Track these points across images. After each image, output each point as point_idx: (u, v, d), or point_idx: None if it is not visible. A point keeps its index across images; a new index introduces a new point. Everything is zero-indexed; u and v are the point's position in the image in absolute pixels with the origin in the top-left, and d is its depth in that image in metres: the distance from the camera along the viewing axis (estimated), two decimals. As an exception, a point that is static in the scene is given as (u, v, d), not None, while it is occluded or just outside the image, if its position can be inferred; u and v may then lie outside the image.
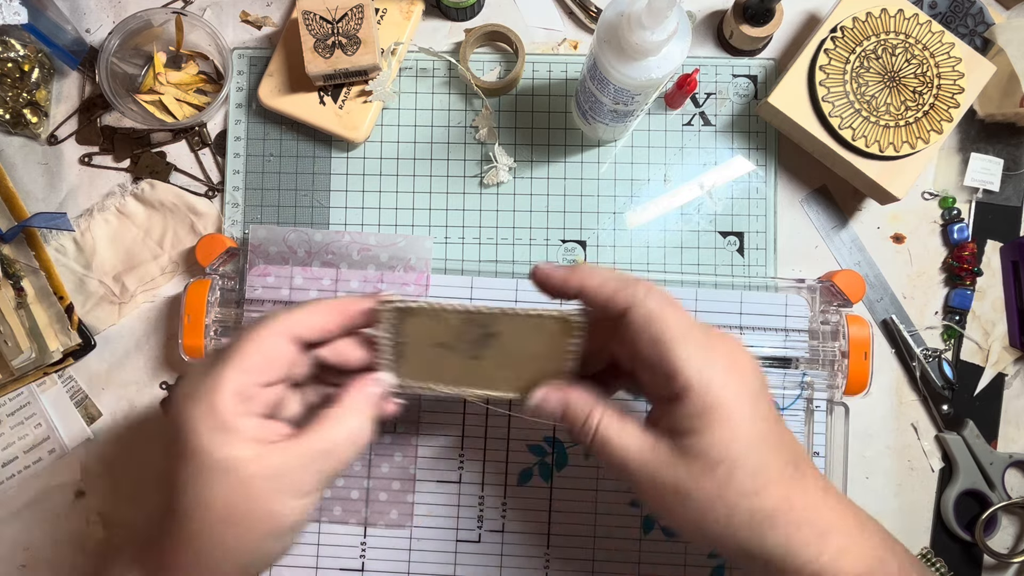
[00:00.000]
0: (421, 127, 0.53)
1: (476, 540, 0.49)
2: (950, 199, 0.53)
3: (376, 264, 0.50)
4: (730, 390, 0.32)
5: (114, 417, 0.52)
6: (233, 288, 0.50)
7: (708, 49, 0.54)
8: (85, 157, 0.53)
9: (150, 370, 0.52)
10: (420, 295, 0.49)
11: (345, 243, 0.50)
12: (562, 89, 0.54)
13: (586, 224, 0.53)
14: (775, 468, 0.32)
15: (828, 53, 0.49)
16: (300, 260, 0.49)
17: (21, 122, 0.52)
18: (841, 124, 0.49)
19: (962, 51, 0.49)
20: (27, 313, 0.50)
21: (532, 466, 0.49)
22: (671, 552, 0.49)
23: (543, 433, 0.49)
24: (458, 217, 0.53)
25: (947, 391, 0.52)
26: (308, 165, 0.53)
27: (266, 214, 0.53)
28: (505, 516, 0.49)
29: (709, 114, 0.53)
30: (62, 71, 0.54)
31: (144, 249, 0.52)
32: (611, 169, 0.53)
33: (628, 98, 0.43)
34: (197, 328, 0.48)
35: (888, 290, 0.53)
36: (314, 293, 0.49)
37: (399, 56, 0.52)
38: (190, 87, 0.53)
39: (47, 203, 0.53)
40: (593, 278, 0.35)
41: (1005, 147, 0.54)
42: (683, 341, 0.32)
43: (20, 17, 0.46)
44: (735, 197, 0.53)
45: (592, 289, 0.35)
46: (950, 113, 0.48)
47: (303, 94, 0.51)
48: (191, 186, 0.53)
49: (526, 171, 0.53)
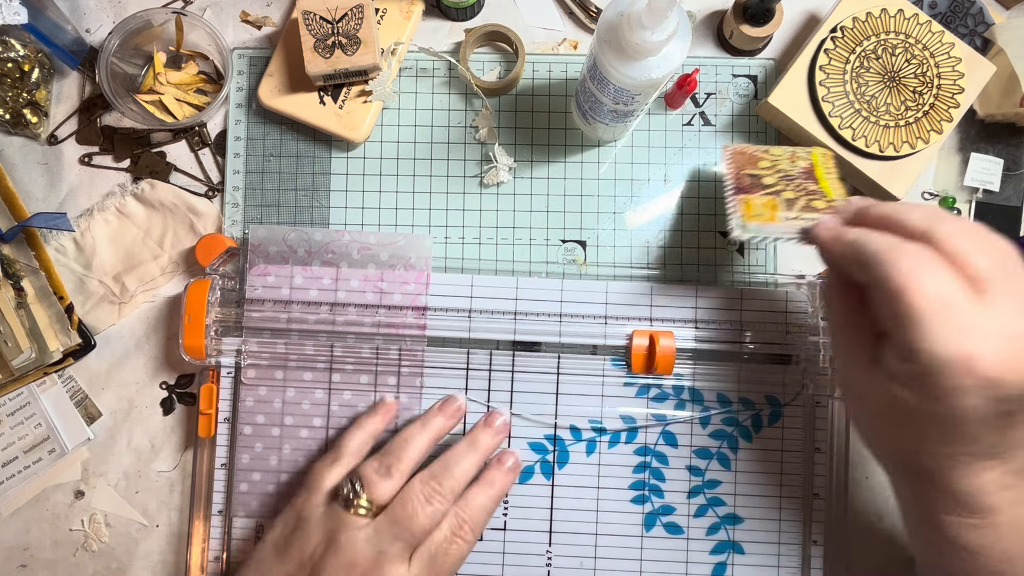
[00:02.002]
0: (421, 127, 0.54)
1: (478, 538, 0.49)
2: (950, 199, 0.53)
3: (376, 263, 0.50)
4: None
5: (114, 417, 0.52)
6: (233, 288, 0.50)
7: (708, 49, 0.54)
8: (85, 157, 0.53)
9: (150, 370, 0.52)
10: (422, 293, 0.49)
11: (345, 242, 0.50)
12: (562, 89, 0.54)
13: (586, 224, 0.53)
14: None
15: (828, 53, 0.49)
16: (300, 259, 0.49)
17: (21, 122, 0.52)
18: (841, 124, 0.49)
19: (962, 51, 0.49)
20: (27, 313, 0.50)
21: (534, 464, 0.49)
22: (673, 549, 0.49)
23: (544, 431, 0.50)
24: (458, 217, 0.53)
25: (947, 390, 0.52)
26: (308, 165, 0.53)
27: (266, 214, 0.53)
28: (507, 514, 0.49)
29: (709, 114, 0.53)
30: (62, 71, 0.54)
31: (144, 249, 0.52)
32: (611, 169, 0.53)
33: (628, 98, 0.43)
34: (197, 328, 0.48)
35: (888, 290, 0.53)
36: (314, 292, 0.49)
37: (399, 56, 0.52)
38: (190, 87, 0.53)
39: (47, 203, 0.53)
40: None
41: (1005, 147, 0.54)
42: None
43: (20, 17, 0.46)
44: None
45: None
46: (950, 113, 0.48)
47: (303, 94, 0.51)
48: (191, 186, 0.53)
49: (526, 171, 0.53)
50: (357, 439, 0.46)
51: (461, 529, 0.43)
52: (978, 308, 0.31)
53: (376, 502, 0.42)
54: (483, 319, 0.49)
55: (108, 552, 0.51)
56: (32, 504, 0.51)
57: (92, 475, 0.52)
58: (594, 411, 0.49)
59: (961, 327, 0.31)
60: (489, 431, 0.47)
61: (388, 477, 0.43)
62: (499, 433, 0.47)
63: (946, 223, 0.34)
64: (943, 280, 0.32)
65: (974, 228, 0.34)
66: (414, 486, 0.43)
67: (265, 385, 0.49)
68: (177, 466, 0.52)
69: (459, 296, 0.49)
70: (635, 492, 0.49)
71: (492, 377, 0.50)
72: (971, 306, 0.31)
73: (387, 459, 0.44)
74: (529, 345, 0.49)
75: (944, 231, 0.33)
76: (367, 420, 0.47)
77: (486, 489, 0.45)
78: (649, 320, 0.49)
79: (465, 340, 0.49)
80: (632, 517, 0.49)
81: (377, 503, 0.42)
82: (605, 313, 0.49)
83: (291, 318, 0.49)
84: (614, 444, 0.49)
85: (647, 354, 0.48)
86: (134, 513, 0.51)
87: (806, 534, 0.49)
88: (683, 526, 0.49)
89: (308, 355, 0.49)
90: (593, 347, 0.49)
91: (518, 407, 0.50)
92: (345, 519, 0.42)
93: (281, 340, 0.49)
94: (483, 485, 0.45)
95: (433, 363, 0.49)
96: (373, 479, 0.43)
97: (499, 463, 0.46)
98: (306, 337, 0.49)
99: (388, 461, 0.44)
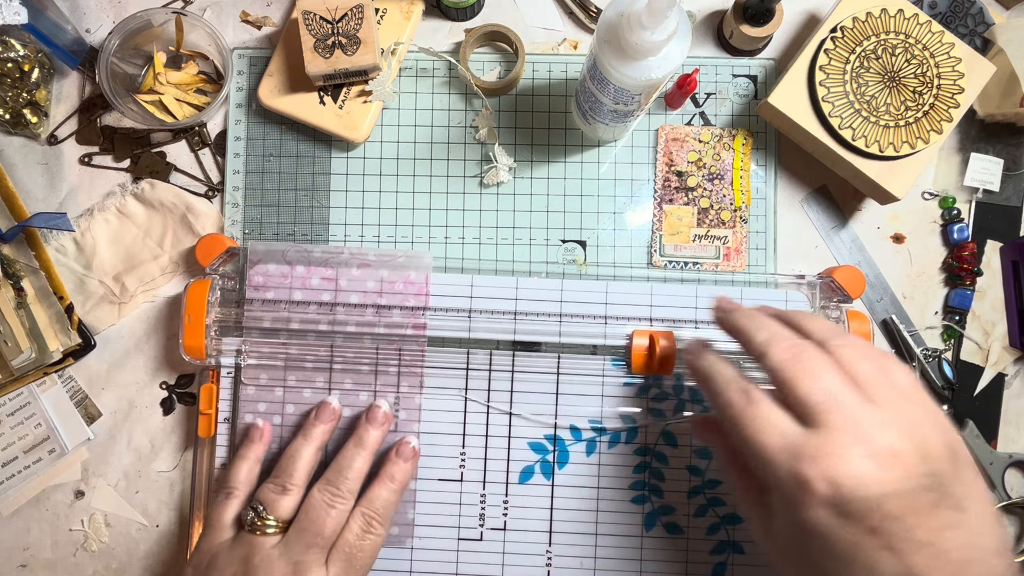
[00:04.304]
0: (421, 127, 0.54)
1: (478, 538, 0.49)
2: (950, 199, 0.53)
3: (375, 279, 0.49)
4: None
5: (114, 417, 0.52)
6: (233, 288, 0.50)
7: (708, 49, 0.54)
8: (85, 157, 0.53)
9: (150, 370, 0.52)
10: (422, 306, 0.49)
11: (344, 259, 0.49)
12: (562, 89, 0.54)
13: (586, 224, 0.53)
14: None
15: (828, 53, 0.49)
16: (299, 276, 0.49)
17: (21, 122, 0.52)
18: (841, 124, 0.49)
19: (962, 51, 0.49)
20: (27, 313, 0.50)
21: (534, 464, 0.49)
22: (673, 549, 0.49)
23: (544, 431, 0.50)
24: (458, 217, 0.53)
25: (947, 391, 0.52)
26: (308, 165, 0.53)
27: (266, 214, 0.53)
28: (507, 514, 0.49)
29: (709, 114, 0.53)
30: (62, 71, 0.54)
31: (144, 249, 0.52)
32: (611, 169, 0.53)
33: (628, 98, 0.43)
34: (197, 328, 0.48)
35: (888, 290, 0.53)
36: (312, 309, 0.49)
37: (399, 56, 0.52)
38: (190, 87, 0.53)
39: (47, 203, 0.53)
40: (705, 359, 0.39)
41: (1005, 147, 0.54)
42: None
43: (20, 17, 0.46)
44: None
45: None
46: (950, 113, 0.48)
47: (303, 94, 0.51)
48: (191, 186, 0.53)
49: (526, 171, 0.53)
50: (244, 469, 0.47)
51: (370, 526, 0.44)
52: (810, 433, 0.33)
53: (281, 519, 0.43)
54: (483, 319, 0.49)
55: (108, 552, 0.51)
56: (32, 504, 0.51)
57: (92, 475, 0.52)
58: (594, 411, 0.49)
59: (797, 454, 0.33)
60: (373, 426, 0.47)
61: (286, 493, 0.44)
62: (382, 425, 0.47)
63: (780, 346, 0.35)
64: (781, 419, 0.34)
65: (795, 352, 0.35)
66: (314, 495, 0.44)
67: (265, 385, 0.49)
68: (177, 466, 0.52)
69: (459, 296, 0.49)
70: (635, 492, 0.49)
71: (492, 377, 0.50)
72: (803, 431, 0.33)
73: (280, 479, 0.45)
74: (529, 345, 0.49)
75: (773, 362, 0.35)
76: (246, 450, 0.48)
77: (387, 483, 0.46)
78: (649, 320, 0.49)
79: (465, 340, 0.49)
80: (632, 517, 0.49)
81: (282, 520, 0.43)
82: (605, 313, 0.49)
83: (291, 318, 0.49)
84: (614, 444, 0.49)
85: (647, 354, 0.48)
86: (134, 513, 0.51)
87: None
88: (683, 526, 0.49)
89: (308, 355, 0.49)
90: (593, 347, 0.49)
91: (518, 407, 0.50)
92: (255, 543, 0.43)
93: (281, 340, 0.49)
94: (384, 480, 0.46)
95: (433, 363, 0.49)
96: (272, 498, 0.44)
97: (397, 456, 0.47)
98: (306, 337, 0.49)
99: (281, 480, 0.45)
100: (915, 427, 0.33)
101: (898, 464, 0.31)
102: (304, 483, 0.45)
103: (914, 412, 0.33)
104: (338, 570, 0.42)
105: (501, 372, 0.49)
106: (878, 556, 0.31)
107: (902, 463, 0.31)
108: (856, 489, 0.31)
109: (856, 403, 0.33)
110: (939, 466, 0.32)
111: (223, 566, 0.42)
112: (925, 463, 0.32)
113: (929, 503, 0.31)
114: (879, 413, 0.32)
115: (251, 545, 0.42)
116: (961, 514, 0.31)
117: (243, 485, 0.46)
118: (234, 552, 0.43)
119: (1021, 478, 0.52)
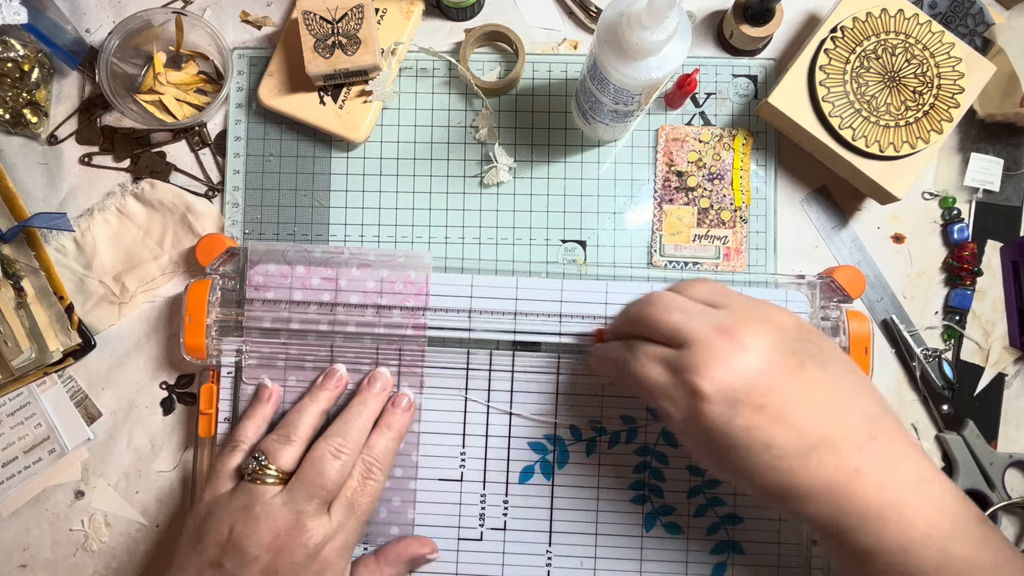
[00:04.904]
0: (421, 127, 0.54)
1: (478, 538, 0.49)
2: (950, 199, 0.53)
3: (375, 279, 0.49)
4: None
5: (114, 417, 0.52)
6: (233, 288, 0.50)
7: (708, 49, 0.54)
8: (85, 157, 0.53)
9: (150, 370, 0.52)
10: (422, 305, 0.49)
11: (344, 259, 0.49)
12: (562, 89, 0.54)
13: (586, 224, 0.53)
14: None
15: (828, 53, 0.49)
16: (299, 276, 0.49)
17: (21, 122, 0.52)
18: (841, 124, 0.49)
19: (962, 51, 0.49)
20: (27, 313, 0.50)
21: (534, 464, 0.49)
22: (673, 549, 0.49)
23: (544, 431, 0.50)
24: (458, 217, 0.53)
25: (947, 391, 0.52)
26: (308, 165, 0.53)
27: (266, 214, 0.53)
28: (507, 514, 0.49)
29: (709, 114, 0.53)
30: (62, 71, 0.54)
31: (144, 249, 0.52)
32: (611, 169, 0.53)
33: (628, 98, 0.43)
34: (198, 328, 0.48)
35: (888, 290, 0.53)
36: (312, 309, 0.49)
37: (399, 56, 0.52)
38: (190, 87, 0.53)
39: (47, 203, 0.53)
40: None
41: (1005, 147, 0.54)
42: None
43: (20, 17, 0.46)
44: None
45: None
46: (950, 113, 0.48)
47: (303, 94, 0.51)
48: (191, 186, 0.53)
49: (526, 171, 0.53)
50: (251, 427, 0.47)
51: (370, 472, 0.45)
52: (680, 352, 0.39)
53: (282, 469, 0.43)
54: (483, 319, 0.49)
55: (108, 552, 0.51)
56: (32, 504, 0.51)
57: (92, 475, 0.52)
58: (594, 411, 0.49)
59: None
60: (374, 389, 0.48)
61: (289, 443, 0.44)
62: (384, 390, 0.48)
63: (636, 303, 0.43)
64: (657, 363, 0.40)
65: (649, 298, 0.42)
66: (319, 446, 0.44)
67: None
68: (177, 466, 0.52)
69: (459, 296, 0.49)
70: (635, 492, 0.49)
71: (492, 377, 0.50)
72: (678, 352, 0.38)
73: (283, 431, 0.45)
74: (529, 345, 0.49)
75: (634, 314, 0.43)
76: (253, 409, 0.48)
77: (386, 432, 0.47)
78: (649, 320, 0.49)
79: (465, 340, 0.49)
80: (632, 517, 0.49)
81: (283, 470, 0.43)
82: (605, 313, 0.49)
83: (291, 318, 0.49)
84: (614, 444, 0.49)
85: (647, 354, 0.47)
86: (134, 513, 0.51)
87: (806, 534, 0.49)
88: (683, 526, 0.49)
89: (308, 355, 0.49)
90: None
91: (518, 407, 0.50)
92: (256, 491, 0.43)
93: (281, 340, 0.49)
94: (382, 428, 0.47)
95: (433, 363, 0.49)
96: (275, 448, 0.44)
97: (394, 406, 0.48)
98: (306, 337, 0.49)
99: (285, 431, 0.45)
100: (765, 316, 0.39)
101: (761, 345, 0.37)
102: (307, 438, 0.45)
103: (760, 306, 0.40)
104: (340, 516, 0.43)
105: (501, 372, 0.49)
106: (771, 430, 0.36)
107: (764, 343, 0.37)
108: (734, 376, 0.36)
109: (709, 313, 0.39)
110: (794, 336, 0.38)
111: (222, 516, 0.42)
112: (782, 338, 0.38)
113: (796, 365, 0.37)
114: (731, 315, 0.38)
115: (251, 494, 0.42)
116: (824, 371, 0.37)
117: (247, 441, 0.46)
118: (233, 502, 0.43)
119: (1021, 478, 0.52)
